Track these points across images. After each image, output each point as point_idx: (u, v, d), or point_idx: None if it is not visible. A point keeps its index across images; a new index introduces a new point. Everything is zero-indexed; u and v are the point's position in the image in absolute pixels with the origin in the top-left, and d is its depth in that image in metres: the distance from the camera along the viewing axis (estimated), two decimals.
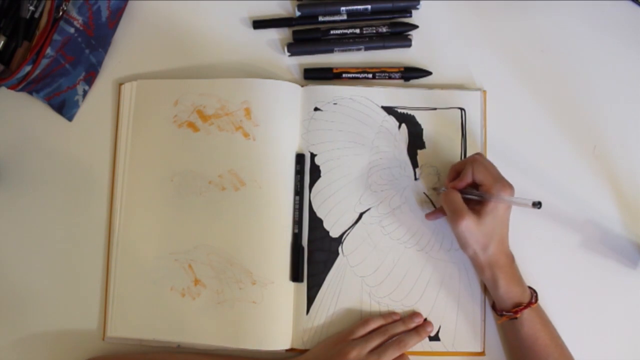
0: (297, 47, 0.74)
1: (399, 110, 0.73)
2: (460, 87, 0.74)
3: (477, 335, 0.69)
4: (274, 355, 0.69)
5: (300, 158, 0.71)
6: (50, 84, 0.71)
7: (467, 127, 0.72)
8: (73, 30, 0.68)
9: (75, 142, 0.73)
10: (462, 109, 0.73)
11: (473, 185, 0.66)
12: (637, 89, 0.74)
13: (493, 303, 0.68)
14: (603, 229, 0.72)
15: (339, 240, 0.71)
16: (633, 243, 0.72)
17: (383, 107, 0.73)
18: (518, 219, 0.68)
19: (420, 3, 0.74)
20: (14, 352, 0.70)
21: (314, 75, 0.74)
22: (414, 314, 0.69)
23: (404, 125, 0.73)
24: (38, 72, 0.67)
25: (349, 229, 0.71)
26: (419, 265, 0.70)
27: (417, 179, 0.72)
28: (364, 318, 0.69)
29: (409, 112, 0.73)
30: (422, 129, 0.72)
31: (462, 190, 0.66)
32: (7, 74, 0.67)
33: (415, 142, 0.72)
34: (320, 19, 0.74)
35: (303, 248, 0.70)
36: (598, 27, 0.75)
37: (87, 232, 0.72)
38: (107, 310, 0.70)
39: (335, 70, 0.74)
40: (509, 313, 0.65)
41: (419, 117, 0.73)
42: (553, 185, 0.72)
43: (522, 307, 0.64)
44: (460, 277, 0.70)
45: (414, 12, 0.75)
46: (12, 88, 0.68)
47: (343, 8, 0.74)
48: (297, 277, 0.69)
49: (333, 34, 0.74)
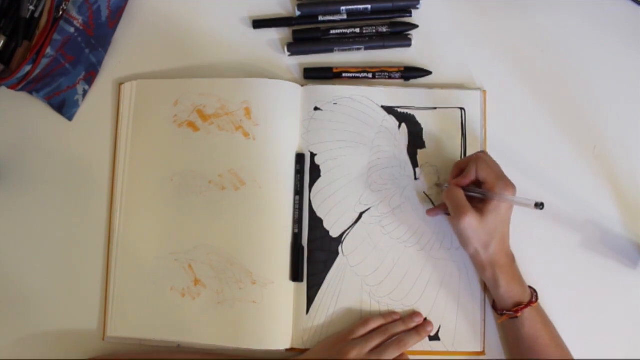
0: (297, 46, 0.74)
1: (399, 110, 0.73)
2: (460, 86, 0.74)
3: (477, 335, 0.69)
4: (274, 355, 0.69)
5: (300, 158, 0.71)
6: (50, 84, 0.71)
7: (467, 126, 0.72)
8: (73, 30, 0.68)
9: (75, 142, 0.73)
10: (462, 109, 0.73)
11: (476, 183, 0.66)
12: (637, 89, 0.74)
13: (493, 302, 0.68)
14: (603, 229, 0.72)
15: (339, 240, 0.71)
16: (633, 243, 0.72)
17: (383, 106, 0.73)
18: (519, 219, 0.68)
19: (420, 3, 0.74)
20: (14, 352, 0.70)
21: (314, 75, 0.74)
22: (414, 314, 0.69)
23: (404, 125, 0.73)
24: (38, 71, 0.67)
25: (349, 229, 0.71)
26: (419, 265, 0.70)
27: (417, 179, 0.72)
28: (364, 318, 0.69)
29: (409, 111, 0.73)
30: (422, 129, 0.72)
31: (464, 188, 0.66)
32: (7, 74, 0.67)
33: (416, 141, 0.72)
34: (320, 19, 0.74)
35: (303, 248, 0.70)
36: (598, 26, 0.75)
37: (87, 232, 0.72)
38: (107, 310, 0.70)
39: (335, 70, 0.74)
40: (510, 312, 0.65)
41: (419, 116, 0.73)
42: (553, 185, 0.72)
43: (522, 306, 0.64)
44: (461, 276, 0.70)
45: (414, 11, 0.75)
46: (12, 88, 0.68)
47: (343, 8, 0.74)
48: (297, 276, 0.69)
49: (333, 34, 0.74)
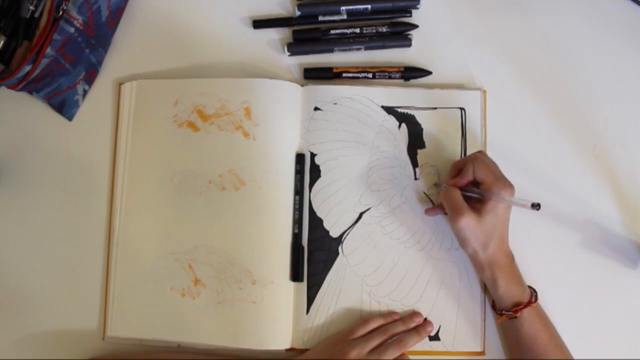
0: (297, 46, 0.74)
1: (399, 110, 0.73)
2: (460, 86, 0.74)
3: (477, 335, 0.69)
4: (274, 355, 0.69)
5: (300, 158, 0.71)
6: (50, 84, 0.71)
7: (467, 126, 0.72)
8: (73, 30, 0.68)
9: (75, 142, 0.73)
10: (462, 109, 0.73)
11: (474, 183, 0.66)
12: (637, 89, 0.74)
13: (493, 302, 0.68)
14: (603, 229, 0.72)
15: (339, 240, 0.71)
16: (633, 243, 0.72)
17: (383, 106, 0.73)
18: (518, 219, 0.68)
19: (420, 3, 0.74)
20: (14, 352, 0.70)
21: (314, 75, 0.74)
22: (414, 314, 0.69)
23: (404, 125, 0.73)
24: (38, 71, 0.67)
25: (349, 229, 0.71)
26: (419, 265, 0.70)
27: (417, 179, 0.72)
28: (364, 318, 0.69)
29: (409, 111, 0.73)
30: (422, 129, 0.72)
31: (462, 188, 0.66)
32: (7, 74, 0.67)
33: (415, 141, 0.72)
34: (320, 19, 0.74)
35: (303, 248, 0.70)
36: (598, 27, 0.75)
37: (87, 232, 0.72)
38: (107, 310, 0.70)
39: (335, 70, 0.74)
40: (509, 312, 0.65)
41: (419, 116, 0.73)
42: (553, 185, 0.72)
43: (521, 306, 0.64)
44: (460, 276, 0.70)
45: (414, 11, 0.75)
46: (12, 88, 0.68)
47: (343, 8, 0.74)
48: (297, 276, 0.69)
49: (333, 34, 0.74)
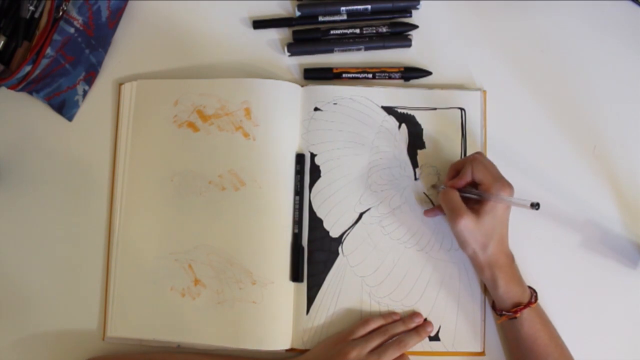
0: (297, 47, 0.74)
1: (399, 110, 0.73)
2: (460, 87, 0.74)
3: (477, 335, 0.69)
4: (274, 355, 0.69)
5: (300, 158, 0.71)
6: (50, 84, 0.71)
7: (467, 127, 0.72)
8: (73, 30, 0.68)
9: (75, 142, 0.73)
10: (462, 109, 0.73)
11: (472, 184, 0.66)
12: (637, 89, 0.74)
13: (493, 303, 0.68)
14: (603, 229, 0.72)
15: (339, 240, 0.71)
16: (633, 243, 0.72)
17: (383, 107, 0.73)
18: (518, 219, 0.68)
19: (420, 3, 0.74)
20: (14, 352, 0.70)
21: (314, 75, 0.74)
22: (414, 314, 0.69)
23: (404, 125, 0.73)
24: (38, 72, 0.67)
25: (349, 229, 0.71)
26: (419, 265, 0.70)
27: (417, 179, 0.72)
28: (364, 318, 0.69)
29: (409, 112, 0.73)
30: (422, 129, 0.72)
31: (461, 189, 0.66)
32: (7, 74, 0.67)
33: (415, 142, 0.72)
34: (320, 19, 0.74)
35: (303, 248, 0.70)
36: (598, 27, 0.75)
37: (87, 232, 0.72)
38: (107, 310, 0.70)
39: (335, 70, 0.74)
40: (509, 313, 0.65)
41: (419, 117, 0.73)
42: (553, 185, 0.72)
43: (521, 306, 0.64)
44: (460, 277, 0.70)
45: (414, 12, 0.75)
46: (12, 88, 0.68)
47: (343, 8, 0.74)
48: (297, 277, 0.69)
49: (333, 34, 0.74)
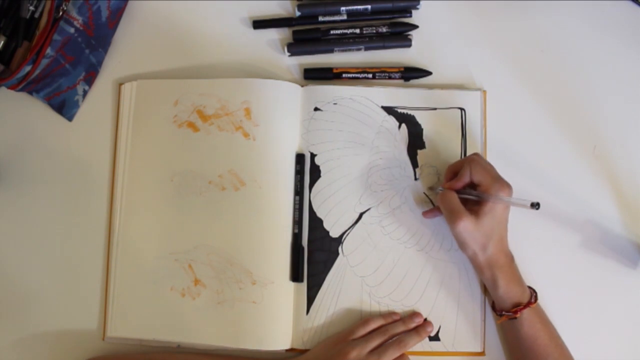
0: (297, 47, 0.74)
1: (399, 110, 0.73)
2: (460, 87, 0.74)
3: (477, 335, 0.69)
4: (274, 355, 0.69)
5: (300, 158, 0.71)
6: (50, 84, 0.71)
7: (467, 127, 0.72)
8: (73, 30, 0.68)
9: (75, 142, 0.73)
10: (462, 109, 0.73)
11: (471, 185, 0.66)
12: (637, 89, 0.74)
13: (493, 303, 0.68)
14: (603, 229, 0.72)
15: (339, 240, 0.71)
16: (633, 243, 0.72)
17: (383, 107, 0.73)
18: (518, 219, 0.68)
19: (420, 3, 0.74)
20: (14, 352, 0.70)
21: (314, 75, 0.74)
22: (414, 314, 0.69)
23: (404, 125, 0.73)
24: (38, 72, 0.67)
25: (349, 229, 0.71)
26: (419, 265, 0.70)
27: (417, 179, 0.72)
28: (364, 318, 0.69)
29: (409, 112, 0.73)
30: (422, 129, 0.72)
31: (459, 191, 0.66)
32: (7, 74, 0.67)
33: (415, 142, 0.72)
34: (320, 19, 0.74)
35: (303, 248, 0.70)
36: (598, 27, 0.75)
37: (87, 232, 0.72)
38: (107, 310, 0.70)
39: (335, 70, 0.74)
40: (509, 313, 0.65)
41: (419, 117, 0.73)
42: (553, 185, 0.72)
43: (521, 307, 0.64)
44: (460, 277, 0.70)
45: (414, 12, 0.75)
46: (12, 88, 0.68)
47: (343, 8, 0.74)
48: (297, 277, 0.69)
49: (333, 34, 0.74)
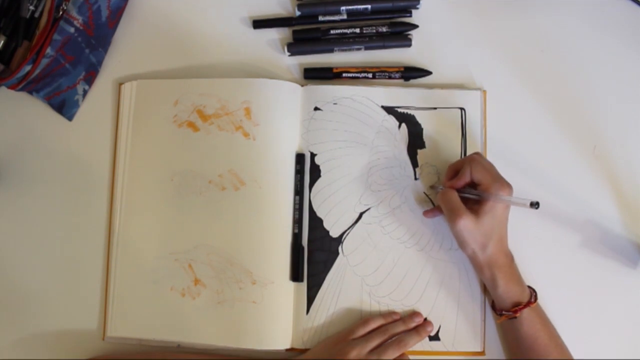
0: (297, 46, 0.74)
1: (399, 110, 0.73)
2: (460, 87, 0.74)
3: (477, 335, 0.69)
4: (274, 355, 0.69)
5: (300, 158, 0.71)
6: (50, 84, 0.71)
7: (467, 126, 0.72)
8: (73, 30, 0.68)
9: (75, 142, 0.73)
10: (462, 109, 0.73)
11: (471, 185, 0.66)
12: (637, 89, 0.74)
13: (492, 302, 0.68)
14: (603, 229, 0.72)
15: (339, 240, 0.71)
16: (633, 243, 0.72)
17: (383, 106, 0.73)
18: (518, 219, 0.68)
19: (420, 3, 0.74)
20: (14, 352, 0.70)
21: (314, 75, 0.74)
22: (414, 314, 0.69)
23: (404, 125, 0.73)
24: (38, 71, 0.67)
25: (349, 229, 0.71)
26: (419, 265, 0.70)
27: (417, 179, 0.72)
28: (364, 318, 0.69)
29: (409, 111, 0.73)
30: (422, 129, 0.72)
31: (460, 190, 0.66)
32: (7, 74, 0.67)
33: (415, 141, 0.72)
34: (320, 19, 0.74)
35: (303, 248, 0.70)
36: (598, 27, 0.75)
37: (87, 232, 0.72)
38: (107, 310, 0.70)
39: (335, 70, 0.74)
40: (508, 312, 0.65)
41: (419, 116, 0.73)
42: (553, 185, 0.72)
43: (521, 306, 0.64)
44: (460, 277, 0.70)
45: (414, 11, 0.75)
46: (12, 88, 0.68)
47: (343, 8, 0.74)
48: (297, 277, 0.69)
49: (333, 34, 0.74)
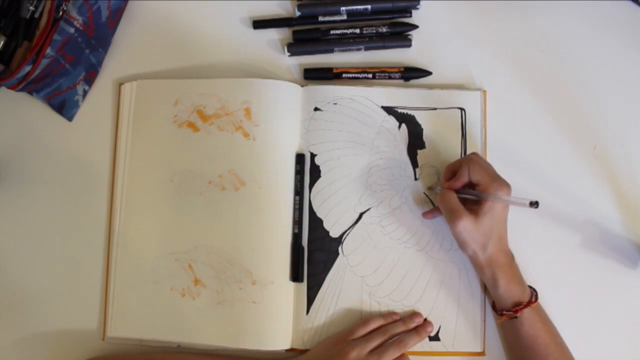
0: (297, 47, 0.74)
1: (399, 110, 0.73)
2: (460, 87, 0.74)
3: (477, 335, 0.69)
4: (274, 355, 0.69)
5: (300, 158, 0.71)
6: (50, 84, 0.71)
7: (467, 127, 0.72)
8: (73, 30, 0.68)
9: (75, 142, 0.73)
10: (462, 109, 0.73)
11: (470, 185, 0.66)
12: (637, 89, 0.74)
13: (493, 302, 0.68)
14: (603, 229, 0.72)
15: (339, 240, 0.71)
16: (633, 243, 0.72)
17: (383, 107, 0.73)
18: (518, 219, 0.68)
19: (420, 3, 0.74)
20: (14, 352, 0.70)
21: (314, 75, 0.74)
22: (414, 314, 0.69)
23: (404, 125, 0.73)
24: (38, 72, 0.67)
25: (349, 229, 0.71)
26: (419, 265, 0.70)
27: (417, 179, 0.72)
28: (364, 318, 0.69)
29: (409, 112, 0.73)
30: (422, 129, 0.72)
31: (458, 190, 0.66)
32: (7, 74, 0.67)
33: (415, 142, 0.72)
34: (320, 19, 0.74)
35: (303, 248, 0.70)
36: (598, 27, 0.75)
37: (87, 232, 0.72)
38: (107, 310, 0.70)
39: (335, 70, 0.74)
40: (509, 312, 0.65)
41: (419, 117, 0.73)
42: (553, 185, 0.72)
43: (522, 306, 0.64)
44: (460, 277, 0.70)
45: (414, 12, 0.75)
46: (12, 88, 0.68)
47: (343, 8, 0.74)
48: (297, 277, 0.69)
49: (333, 34, 0.74)
